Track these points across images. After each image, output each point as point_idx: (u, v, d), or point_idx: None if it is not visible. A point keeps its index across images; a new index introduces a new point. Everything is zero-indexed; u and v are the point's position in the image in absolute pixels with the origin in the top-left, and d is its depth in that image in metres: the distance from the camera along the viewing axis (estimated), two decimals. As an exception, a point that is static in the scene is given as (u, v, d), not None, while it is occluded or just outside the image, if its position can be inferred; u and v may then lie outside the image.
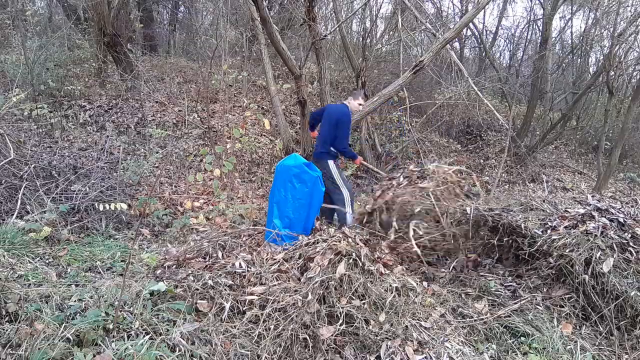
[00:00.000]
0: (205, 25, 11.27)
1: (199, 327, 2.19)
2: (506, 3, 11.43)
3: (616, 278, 2.65)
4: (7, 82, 6.53)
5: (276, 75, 9.07)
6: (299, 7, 7.39)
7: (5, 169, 4.15)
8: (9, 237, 3.23)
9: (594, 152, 9.56)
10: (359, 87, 7.36)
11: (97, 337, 2.03)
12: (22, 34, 7.35)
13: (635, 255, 2.75)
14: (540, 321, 2.59)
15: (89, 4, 7.42)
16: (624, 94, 9.71)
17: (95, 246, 3.66)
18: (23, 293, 2.32)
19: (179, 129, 7.19)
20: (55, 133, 6.24)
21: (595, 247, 2.77)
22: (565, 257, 2.79)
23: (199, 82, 8.42)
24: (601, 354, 2.46)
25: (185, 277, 2.59)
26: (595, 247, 2.77)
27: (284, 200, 3.59)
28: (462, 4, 10.50)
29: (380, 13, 9.38)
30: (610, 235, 2.85)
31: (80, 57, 8.61)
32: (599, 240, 2.80)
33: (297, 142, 6.83)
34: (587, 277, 2.68)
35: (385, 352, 2.26)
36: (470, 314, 2.71)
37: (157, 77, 8.65)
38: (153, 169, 5.99)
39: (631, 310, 2.60)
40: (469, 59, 12.58)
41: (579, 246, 2.79)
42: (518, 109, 10.30)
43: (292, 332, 2.19)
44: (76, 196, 4.23)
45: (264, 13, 4.77)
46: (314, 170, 3.69)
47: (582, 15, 11.02)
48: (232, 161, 5.65)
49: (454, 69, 8.06)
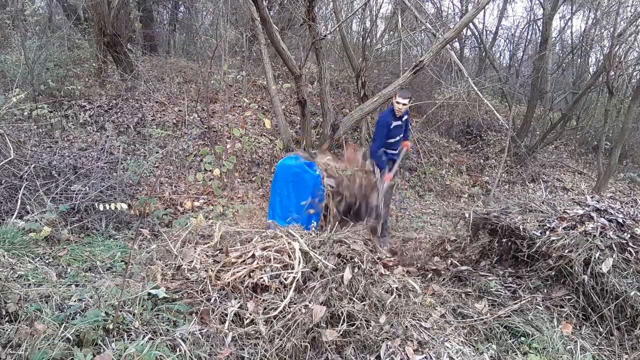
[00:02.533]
0: (205, 25, 11.27)
1: (200, 329, 2.19)
2: (506, 3, 11.43)
3: (616, 278, 2.66)
4: (7, 82, 6.53)
5: (276, 75, 9.06)
6: (299, 7, 7.39)
7: (5, 169, 4.15)
8: (9, 237, 3.23)
9: (594, 152, 9.56)
10: (359, 87, 7.36)
11: (97, 337, 2.03)
12: (22, 34, 7.35)
13: (635, 255, 2.75)
14: (540, 321, 2.59)
15: (89, 4, 7.42)
16: (624, 94, 9.71)
17: (95, 246, 3.66)
18: (23, 293, 2.32)
19: (179, 129, 7.19)
20: (55, 133, 6.24)
21: (594, 248, 2.77)
22: (565, 258, 2.79)
23: (199, 82, 8.42)
24: (601, 354, 2.46)
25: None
26: (594, 247, 2.77)
27: (287, 200, 3.59)
28: (462, 4, 10.50)
29: (380, 13, 9.37)
30: (610, 235, 2.85)
31: (80, 57, 8.61)
32: (598, 241, 2.81)
33: (297, 142, 6.83)
34: (586, 278, 2.69)
35: (385, 352, 2.26)
36: (470, 314, 2.71)
37: (157, 77, 8.65)
38: (153, 169, 5.99)
39: (631, 310, 2.61)
40: (469, 59, 12.58)
41: (578, 247, 2.80)
42: (518, 109, 10.30)
43: (297, 340, 2.18)
44: (76, 196, 4.23)
45: (264, 13, 4.77)
46: (314, 170, 3.70)
47: (582, 15, 11.02)
48: (232, 161, 5.65)
49: (454, 69, 8.06)
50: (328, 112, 6.32)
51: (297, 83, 5.53)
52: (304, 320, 2.24)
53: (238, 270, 2.53)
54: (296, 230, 2.90)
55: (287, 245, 2.66)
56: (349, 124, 5.98)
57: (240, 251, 2.72)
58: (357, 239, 2.87)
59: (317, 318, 2.22)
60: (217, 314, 2.32)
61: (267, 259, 2.58)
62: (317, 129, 7.68)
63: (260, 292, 2.47)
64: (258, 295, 2.44)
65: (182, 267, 2.63)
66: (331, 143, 5.94)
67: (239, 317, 2.34)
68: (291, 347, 2.16)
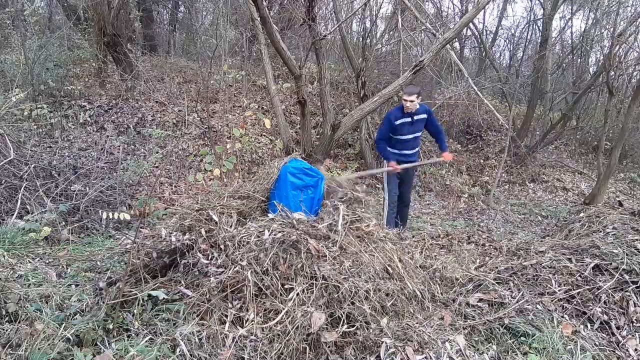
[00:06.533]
0: (205, 25, 11.28)
1: (200, 330, 2.19)
2: (506, 3, 11.41)
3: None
4: (7, 82, 6.53)
5: (276, 75, 9.06)
6: (299, 7, 7.39)
7: (5, 169, 4.15)
8: (9, 237, 3.23)
9: (594, 152, 9.55)
10: (359, 87, 7.36)
11: (97, 337, 2.03)
12: (22, 34, 7.35)
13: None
14: (541, 321, 2.59)
15: (89, 4, 7.42)
16: (624, 94, 9.70)
17: (95, 246, 3.66)
18: (23, 293, 2.32)
19: (179, 129, 7.19)
20: (55, 133, 6.24)
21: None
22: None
23: (199, 82, 8.42)
24: (601, 354, 2.45)
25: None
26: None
27: (285, 202, 3.58)
28: (462, 4, 10.48)
29: (380, 13, 9.36)
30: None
31: (80, 57, 8.61)
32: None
33: (297, 142, 6.83)
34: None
35: (385, 353, 2.26)
36: (470, 314, 2.71)
37: (157, 77, 8.65)
38: (153, 169, 5.99)
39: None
40: (469, 59, 12.57)
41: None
42: (518, 109, 10.29)
43: (297, 344, 2.18)
44: (76, 196, 4.23)
45: (264, 13, 4.77)
46: (315, 173, 3.69)
47: (582, 15, 10.99)
48: (232, 161, 5.65)
49: (454, 69, 8.06)
50: (328, 112, 6.32)
51: (297, 83, 5.53)
52: (303, 324, 2.24)
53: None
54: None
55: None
56: (349, 124, 5.98)
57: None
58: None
59: (317, 326, 2.22)
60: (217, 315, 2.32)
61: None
62: (317, 129, 7.69)
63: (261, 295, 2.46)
64: (259, 297, 2.43)
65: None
66: (330, 145, 5.95)
67: (239, 319, 2.33)
68: (291, 349, 2.16)
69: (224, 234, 2.69)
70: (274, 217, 2.94)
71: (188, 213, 2.94)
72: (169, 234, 2.68)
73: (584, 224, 3.97)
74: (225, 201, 3.10)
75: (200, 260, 2.53)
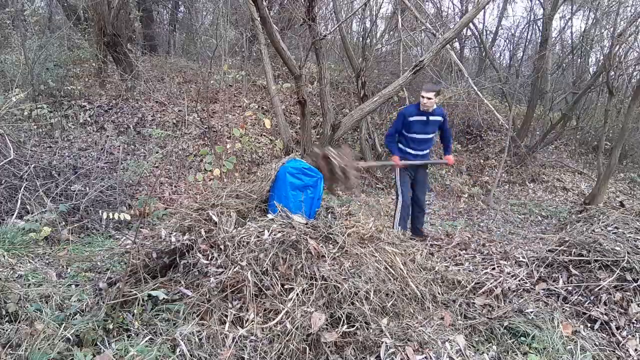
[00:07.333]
0: (205, 25, 11.28)
1: (200, 330, 2.19)
2: (506, 3, 11.42)
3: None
4: (7, 82, 6.53)
5: (276, 75, 9.07)
6: (299, 7, 7.39)
7: (5, 169, 4.15)
8: (9, 237, 3.23)
9: (594, 152, 9.55)
10: (359, 87, 7.37)
11: (97, 337, 2.03)
12: (22, 34, 7.35)
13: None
14: (541, 321, 2.59)
15: (89, 4, 7.43)
16: (624, 94, 9.70)
17: (95, 246, 3.66)
18: (23, 293, 2.32)
19: (179, 129, 7.19)
20: (55, 133, 6.24)
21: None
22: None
23: (199, 82, 8.42)
24: (601, 354, 2.45)
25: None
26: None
27: (285, 202, 3.58)
28: (462, 4, 10.49)
29: (380, 13, 9.38)
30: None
31: (80, 57, 8.61)
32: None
33: (297, 142, 6.83)
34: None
35: (385, 353, 2.26)
36: (470, 313, 2.71)
37: (157, 77, 8.65)
38: (153, 169, 5.99)
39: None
40: (469, 59, 12.57)
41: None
42: (518, 109, 10.29)
43: (297, 344, 2.18)
44: (76, 196, 4.23)
45: (264, 13, 4.77)
46: (314, 172, 3.69)
47: (582, 15, 11.00)
48: (232, 161, 5.65)
49: (454, 69, 8.06)
50: (328, 112, 6.32)
51: (297, 83, 5.53)
52: (303, 324, 2.24)
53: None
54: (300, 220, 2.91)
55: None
56: (349, 124, 5.98)
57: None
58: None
59: (316, 327, 2.22)
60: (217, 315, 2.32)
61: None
62: (317, 129, 7.69)
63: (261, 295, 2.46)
64: (259, 297, 2.44)
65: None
66: (330, 145, 5.94)
67: (239, 319, 2.33)
68: (291, 349, 2.16)
69: (224, 234, 2.69)
70: (274, 217, 2.94)
71: (188, 213, 2.94)
72: (168, 234, 2.68)
73: (585, 222, 3.97)
74: (224, 200, 3.10)
75: (200, 260, 2.53)
